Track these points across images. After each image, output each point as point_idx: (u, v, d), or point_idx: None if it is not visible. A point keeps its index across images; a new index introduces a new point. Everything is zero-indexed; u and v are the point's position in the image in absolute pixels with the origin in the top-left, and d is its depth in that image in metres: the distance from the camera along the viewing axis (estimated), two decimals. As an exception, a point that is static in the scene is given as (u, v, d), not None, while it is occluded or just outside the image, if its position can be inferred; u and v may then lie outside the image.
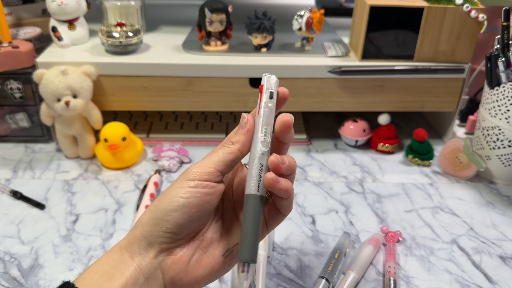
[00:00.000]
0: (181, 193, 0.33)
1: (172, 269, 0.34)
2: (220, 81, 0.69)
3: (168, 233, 0.34)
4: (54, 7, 0.69)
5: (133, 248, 0.34)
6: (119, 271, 0.33)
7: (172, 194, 0.34)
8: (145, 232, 0.34)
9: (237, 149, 0.35)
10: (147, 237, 0.34)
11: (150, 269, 0.34)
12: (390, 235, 0.55)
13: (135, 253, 0.34)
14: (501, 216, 0.62)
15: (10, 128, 0.74)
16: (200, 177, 0.34)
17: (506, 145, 0.65)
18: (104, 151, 0.68)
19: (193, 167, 0.35)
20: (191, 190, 0.33)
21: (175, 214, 0.33)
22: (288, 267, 0.52)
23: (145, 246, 0.34)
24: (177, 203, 0.33)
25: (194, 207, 0.34)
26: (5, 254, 0.52)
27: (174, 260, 0.34)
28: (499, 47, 0.64)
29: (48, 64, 0.67)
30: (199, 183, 0.34)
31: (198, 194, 0.33)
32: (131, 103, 0.71)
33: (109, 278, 0.32)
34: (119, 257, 0.34)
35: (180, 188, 0.34)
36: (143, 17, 0.81)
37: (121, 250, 0.34)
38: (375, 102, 0.73)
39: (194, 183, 0.34)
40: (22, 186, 0.64)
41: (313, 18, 0.69)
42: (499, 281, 0.51)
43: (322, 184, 0.67)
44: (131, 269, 0.33)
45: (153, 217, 0.34)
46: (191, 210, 0.33)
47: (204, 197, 0.34)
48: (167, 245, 0.34)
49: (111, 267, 0.33)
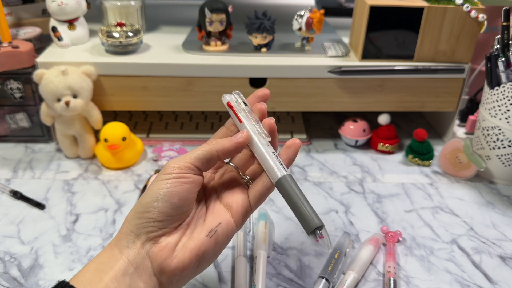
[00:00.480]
0: (162, 185, 0.35)
1: (158, 256, 0.35)
2: (220, 81, 0.69)
3: (152, 222, 0.35)
4: (54, 7, 0.69)
5: (122, 243, 0.36)
6: (108, 266, 0.34)
7: (153, 189, 0.36)
8: (131, 226, 0.36)
9: (216, 150, 0.38)
10: (133, 230, 0.36)
11: (138, 259, 0.35)
12: (390, 235, 0.55)
13: (123, 247, 0.35)
14: (501, 216, 0.62)
15: (10, 128, 0.74)
16: (178, 171, 0.36)
17: (506, 145, 0.65)
18: (104, 151, 0.68)
19: (172, 162, 0.37)
20: (171, 181, 0.35)
21: (157, 204, 0.35)
22: (288, 267, 0.52)
23: (132, 239, 0.35)
24: (158, 194, 0.35)
25: (175, 195, 0.35)
26: (5, 254, 0.52)
27: (160, 247, 0.35)
28: (499, 47, 0.64)
29: (48, 64, 0.67)
30: (178, 175, 0.36)
31: (177, 184, 0.35)
32: (131, 103, 0.71)
33: (100, 273, 0.34)
34: (109, 254, 0.35)
35: (160, 182, 0.36)
36: (143, 17, 0.81)
37: (111, 247, 0.36)
38: (375, 102, 0.73)
39: (173, 176, 0.36)
40: (22, 186, 0.64)
41: (313, 18, 0.69)
42: (499, 281, 0.51)
43: (322, 184, 0.67)
44: (120, 262, 0.35)
45: (137, 211, 0.36)
46: (172, 198, 0.35)
47: (183, 185, 0.36)
48: (153, 233, 0.35)
49: (102, 263, 0.35)
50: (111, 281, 0.34)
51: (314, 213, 0.35)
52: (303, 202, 0.36)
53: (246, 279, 0.49)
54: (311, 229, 0.35)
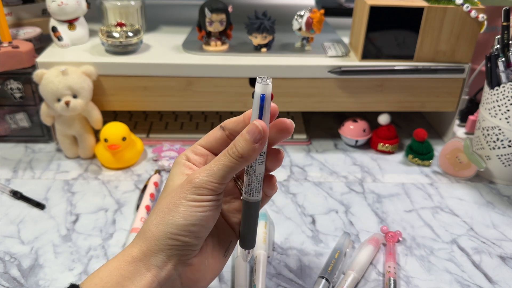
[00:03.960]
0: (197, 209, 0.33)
1: (190, 278, 0.35)
2: (220, 81, 0.69)
3: (189, 246, 0.34)
4: (54, 7, 0.69)
5: (149, 260, 0.33)
6: (134, 283, 0.32)
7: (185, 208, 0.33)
8: (161, 246, 0.33)
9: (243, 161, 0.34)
10: (165, 250, 0.33)
11: (168, 280, 0.34)
12: (390, 235, 0.55)
13: (151, 265, 0.33)
14: (501, 216, 0.62)
15: (10, 128, 0.74)
16: (209, 193, 0.34)
17: (506, 145, 0.65)
18: (104, 151, 0.68)
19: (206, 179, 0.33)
20: (205, 204, 0.33)
21: (194, 229, 0.33)
22: (288, 267, 0.52)
23: (163, 259, 0.33)
24: (194, 218, 0.33)
25: (210, 218, 0.34)
26: (5, 254, 0.52)
27: (193, 270, 0.35)
28: (499, 47, 0.64)
29: (48, 64, 0.67)
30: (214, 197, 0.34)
31: (213, 208, 0.34)
32: (131, 103, 0.71)
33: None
34: (133, 269, 0.33)
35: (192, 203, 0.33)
36: (143, 17, 0.81)
37: (135, 262, 0.33)
38: (375, 102, 0.73)
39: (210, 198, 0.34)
40: (22, 186, 0.64)
41: (313, 18, 0.69)
42: (499, 281, 0.51)
43: (322, 184, 0.67)
44: (147, 280, 0.33)
45: (168, 231, 0.33)
46: (208, 222, 0.34)
47: (218, 209, 0.35)
48: (187, 256, 0.34)
49: (125, 278, 0.32)
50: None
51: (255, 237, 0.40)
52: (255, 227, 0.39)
53: (246, 279, 0.49)
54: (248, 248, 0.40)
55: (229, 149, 0.34)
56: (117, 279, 0.32)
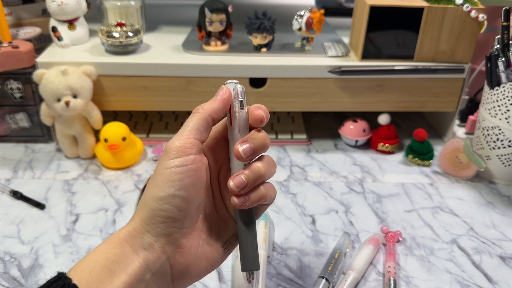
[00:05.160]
0: (173, 177, 0.32)
1: (180, 262, 0.33)
2: (220, 81, 0.69)
3: (173, 223, 0.32)
4: (54, 7, 0.69)
5: (136, 241, 0.32)
6: (121, 267, 0.31)
7: (163, 179, 0.32)
8: (145, 224, 0.32)
9: (208, 114, 0.34)
10: (149, 230, 0.32)
11: (157, 264, 0.32)
12: (390, 235, 0.55)
13: (138, 247, 0.32)
14: (501, 216, 0.62)
15: (10, 128, 0.74)
16: (183, 152, 0.32)
17: (506, 145, 0.65)
18: (104, 151, 0.68)
19: (172, 143, 0.33)
20: (181, 169, 0.32)
21: (174, 201, 0.32)
22: (288, 267, 0.52)
23: (150, 240, 0.32)
24: (172, 189, 0.32)
25: (189, 187, 0.32)
26: (5, 254, 0.52)
27: (183, 254, 0.33)
28: (499, 47, 0.64)
29: (48, 64, 0.67)
30: (184, 160, 0.32)
31: (190, 173, 0.32)
32: (131, 103, 0.71)
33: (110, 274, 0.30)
34: (120, 251, 0.32)
35: (169, 171, 0.32)
36: (143, 17, 0.81)
37: (121, 243, 0.32)
38: (375, 102, 0.73)
39: (180, 162, 0.32)
40: (22, 186, 0.64)
41: (313, 18, 0.69)
42: (499, 281, 0.51)
43: (322, 184, 0.67)
44: (135, 264, 0.31)
45: (151, 208, 0.32)
46: (187, 191, 0.32)
47: (195, 174, 0.33)
48: (175, 236, 0.33)
49: (112, 262, 0.31)
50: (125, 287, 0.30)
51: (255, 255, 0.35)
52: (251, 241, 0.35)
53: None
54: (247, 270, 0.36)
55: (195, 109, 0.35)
56: (103, 263, 0.31)
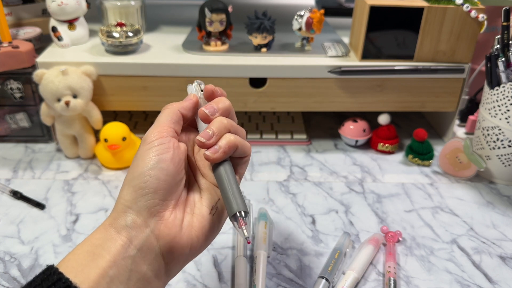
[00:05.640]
0: (151, 154, 0.34)
1: (166, 233, 0.33)
2: (220, 81, 0.69)
3: (152, 194, 0.33)
4: (54, 7, 0.69)
5: (119, 222, 0.32)
6: (104, 248, 0.31)
7: (142, 159, 0.34)
8: (127, 202, 0.33)
9: (177, 109, 0.37)
10: (131, 206, 0.32)
11: (141, 238, 0.32)
12: (390, 235, 0.55)
13: (121, 226, 0.32)
14: (501, 216, 0.62)
15: (10, 128, 0.74)
16: (160, 134, 0.35)
17: (506, 145, 0.65)
18: (104, 151, 0.68)
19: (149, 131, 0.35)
20: (159, 147, 0.34)
21: (152, 172, 0.33)
22: (288, 267, 0.52)
23: (132, 216, 0.32)
24: (150, 161, 0.33)
25: (168, 161, 0.33)
26: (5, 254, 0.52)
27: (167, 224, 0.33)
28: (499, 47, 0.64)
29: (48, 64, 0.67)
30: (162, 140, 0.34)
31: (166, 149, 0.34)
32: (131, 103, 0.71)
33: (94, 257, 0.30)
34: (103, 235, 0.32)
35: (147, 151, 0.34)
36: (143, 17, 0.81)
37: (105, 228, 0.32)
38: (375, 102, 0.73)
39: (158, 142, 0.34)
40: (22, 186, 0.64)
41: (313, 18, 0.69)
42: (499, 281, 0.51)
43: (322, 184, 0.67)
44: (118, 243, 0.31)
45: (131, 185, 0.33)
46: (166, 164, 0.33)
47: (173, 150, 0.34)
48: (156, 207, 0.33)
49: (96, 246, 0.31)
50: (109, 266, 0.30)
51: (240, 197, 0.35)
52: (231, 187, 0.35)
53: (246, 279, 0.49)
54: (234, 211, 0.34)
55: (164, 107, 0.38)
56: (88, 249, 0.31)
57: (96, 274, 0.29)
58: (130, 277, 0.31)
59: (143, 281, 0.32)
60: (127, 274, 0.31)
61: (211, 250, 0.54)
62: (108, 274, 0.30)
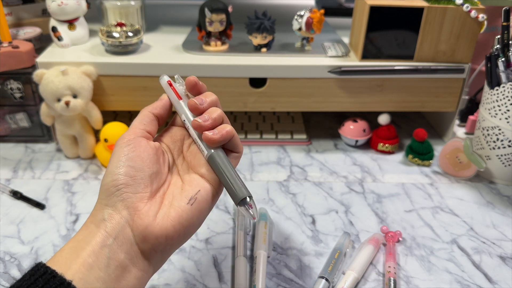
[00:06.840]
0: (120, 154, 0.36)
1: (139, 223, 0.34)
2: (220, 81, 0.69)
3: (124, 188, 0.35)
4: (54, 7, 0.69)
5: (98, 218, 0.35)
6: (85, 242, 0.33)
7: (111, 160, 0.37)
8: (103, 201, 0.35)
9: (148, 111, 0.41)
10: (107, 203, 0.35)
11: (117, 228, 0.34)
12: (390, 235, 0.55)
13: (99, 221, 0.35)
14: (501, 216, 0.62)
15: (10, 128, 0.74)
16: (129, 137, 0.38)
17: (506, 145, 0.65)
18: (104, 151, 0.68)
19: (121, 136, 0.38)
20: (126, 148, 0.37)
21: (122, 170, 0.35)
22: (288, 267, 0.52)
23: (108, 212, 0.35)
24: (119, 162, 0.36)
25: (135, 158, 0.36)
26: (5, 254, 0.52)
27: (140, 215, 0.35)
28: (499, 47, 0.64)
29: (48, 64, 0.67)
30: (129, 142, 0.37)
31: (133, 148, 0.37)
32: (131, 103, 0.71)
33: (76, 250, 0.33)
34: (85, 232, 0.34)
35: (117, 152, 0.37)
36: (143, 17, 0.81)
37: (86, 225, 0.35)
38: (375, 102, 0.73)
39: (126, 143, 0.37)
40: (22, 186, 0.64)
41: (313, 18, 0.69)
42: (499, 281, 0.51)
43: (322, 184, 0.67)
44: (97, 235, 0.34)
45: (104, 185, 0.36)
46: (133, 161, 0.36)
47: (139, 148, 0.37)
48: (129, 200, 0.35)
49: (78, 241, 0.34)
50: (89, 256, 0.32)
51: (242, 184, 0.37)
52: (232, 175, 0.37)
53: (246, 279, 0.49)
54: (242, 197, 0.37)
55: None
56: (71, 245, 0.34)
57: (78, 264, 0.32)
58: (108, 264, 0.33)
59: (121, 269, 0.34)
60: (106, 261, 0.33)
61: (211, 250, 0.54)
62: (88, 262, 0.32)
